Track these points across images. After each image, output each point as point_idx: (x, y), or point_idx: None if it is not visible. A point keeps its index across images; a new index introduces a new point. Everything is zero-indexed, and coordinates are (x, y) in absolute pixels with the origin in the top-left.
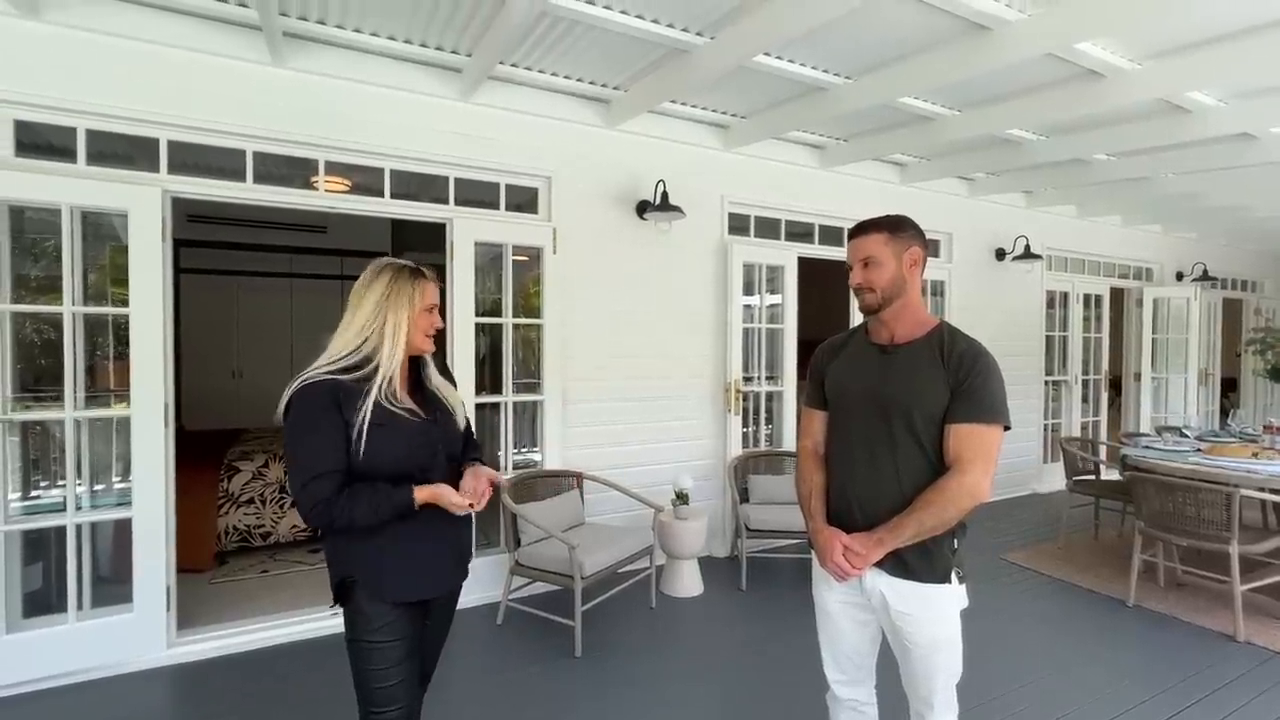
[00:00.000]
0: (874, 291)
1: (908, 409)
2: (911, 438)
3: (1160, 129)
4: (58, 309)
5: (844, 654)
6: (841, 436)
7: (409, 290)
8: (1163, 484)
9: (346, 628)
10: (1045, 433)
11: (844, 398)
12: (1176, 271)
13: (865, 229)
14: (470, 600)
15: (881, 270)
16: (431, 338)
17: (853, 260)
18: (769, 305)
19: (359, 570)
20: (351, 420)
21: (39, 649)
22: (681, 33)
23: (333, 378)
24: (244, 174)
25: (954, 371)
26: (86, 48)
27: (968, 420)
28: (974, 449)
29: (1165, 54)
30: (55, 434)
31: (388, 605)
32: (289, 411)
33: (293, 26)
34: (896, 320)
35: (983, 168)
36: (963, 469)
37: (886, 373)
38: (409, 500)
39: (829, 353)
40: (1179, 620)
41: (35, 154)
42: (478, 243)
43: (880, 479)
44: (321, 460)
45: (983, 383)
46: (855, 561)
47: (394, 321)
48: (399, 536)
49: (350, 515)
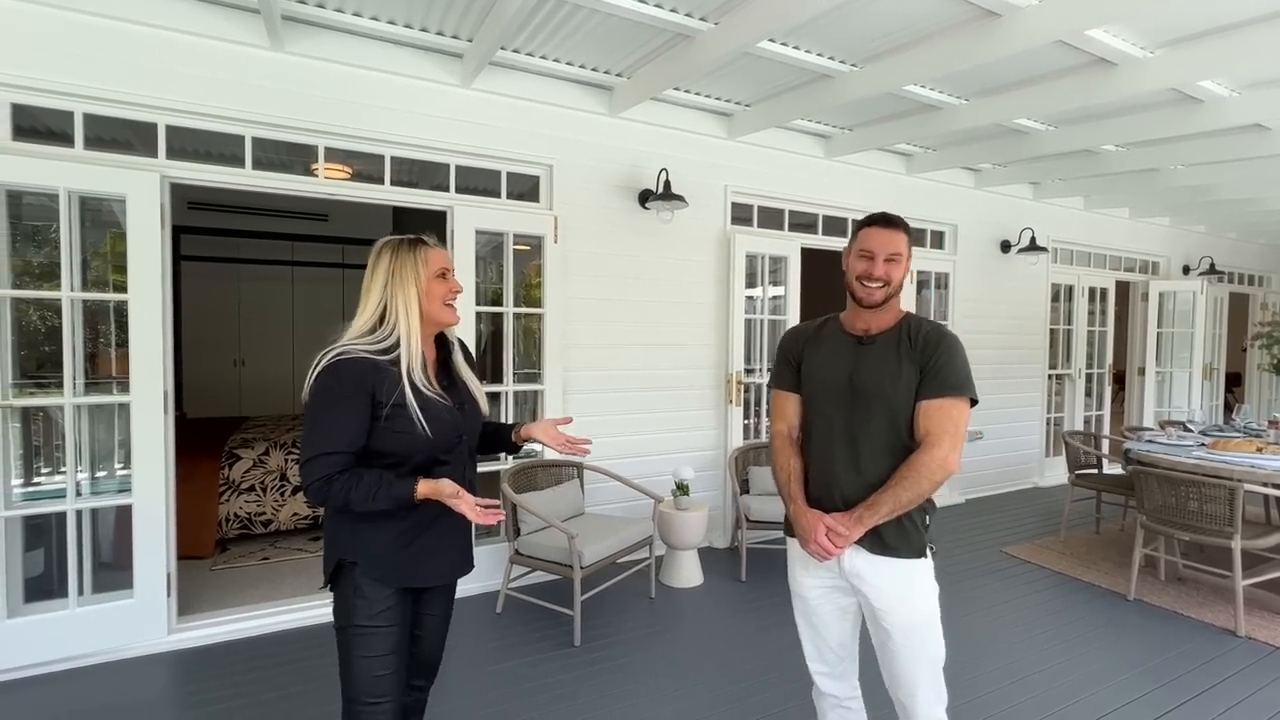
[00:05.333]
0: (889, 285)
1: (885, 396)
2: (888, 422)
3: (1171, 119)
4: (57, 295)
5: (826, 644)
6: (822, 423)
7: (412, 261)
8: (1166, 478)
9: (338, 614)
10: (1047, 426)
11: (824, 386)
12: (1183, 265)
13: (894, 224)
14: (470, 589)
15: (899, 268)
16: (454, 306)
17: (878, 251)
18: (772, 297)
19: (362, 551)
20: (384, 399)
21: (40, 634)
22: (685, 17)
23: (370, 356)
24: (243, 160)
25: (921, 353)
26: (84, 30)
27: (936, 396)
28: (942, 424)
29: (1178, 42)
30: (57, 420)
31: (389, 590)
32: (318, 381)
33: (292, 10)
34: (883, 314)
35: (989, 158)
36: (932, 443)
37: (864, 362)
38: (410, 494)
39: (803, 339)
40: (1180, 615)
41: (33, 138)
42: (479, 231)
43: (860, 462)
44: (336, 437)
45: (948, 359)
46: (837, 541)
47: (404, 298)
48: (407, 520)
49: (346, 496)
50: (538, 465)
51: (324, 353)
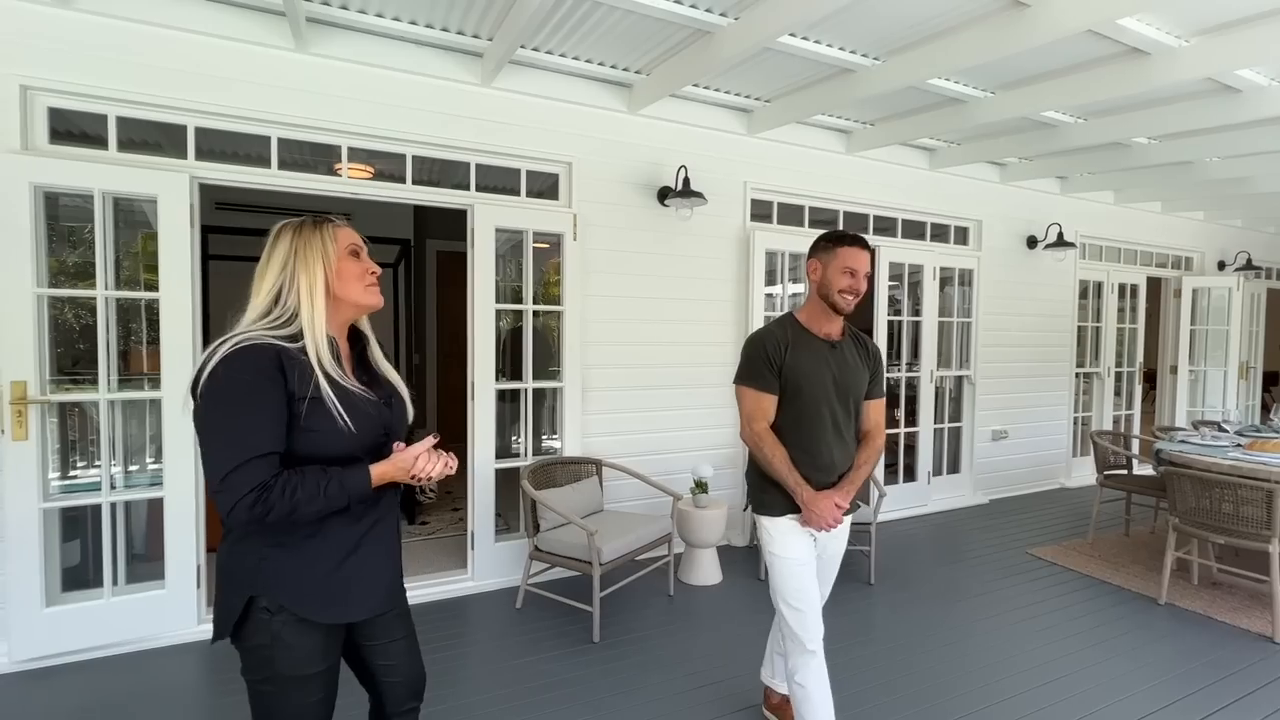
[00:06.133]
0: (858, 297)
1: (856, 393)
2: (856, 414)
3: (1207, 110)
4: (92, 293)
5: (816, 606)
6: (812, 415)
7: (318, 239)
8: (1200, 479)
9: (252, 667)
10: (1075, 426)
11: (818, 386)
12: (1218, 260)
13: (866, 244)
14: (490, 584)
15: (864, 283)
16: (376, 288)
17: (859, 269)
18: (791, 294)
19: (280, 584)
20: (301, 393)
21: (77, 622)
22: (704, 13)
23: (276, 342)
24: (269, 160)
25: (872, 361)
26: (116, 35)
27: (878, 397)
28: (880, 417)
29: (1215, 30)
30: (91, 416)
31: (317, 628)
32: (216, 377)
33: (316, 11)
34: (838, 321)
35: (1015, 152)
36: (878, 433)
37: (840, 365)
38: (365, 482)
39: (783, 344)
40: (1214, 620)
41: (68, 141)
42: (498, 229)
43: (845, 449)
44: (262, 438)
45: (883, 370)
46: (839, 513)
47: (307, 280)
48: (331, 539)
49: (292, 501)
50: (557, 462)
51: (216, 344)
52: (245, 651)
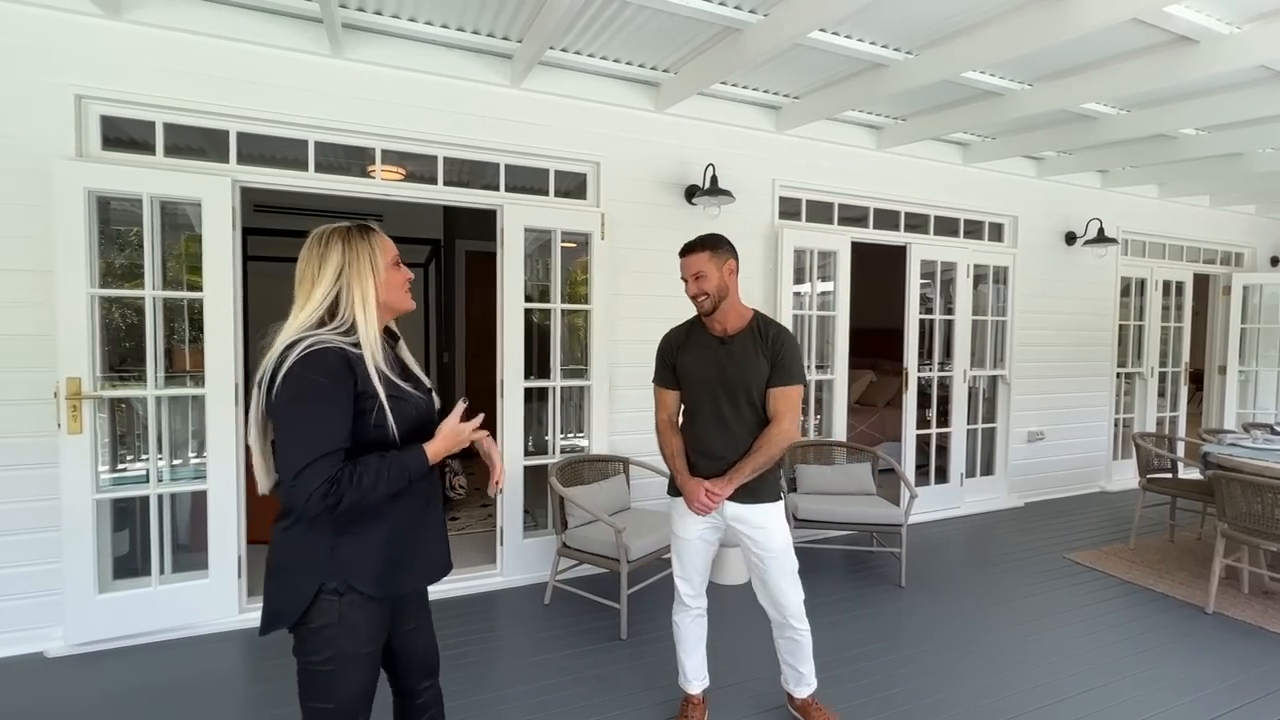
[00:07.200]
0: (707, 297)
1: (746, 385)
2: (749, 405)
3: (1259, 99)
4: (140, 293)
5: (696, 570)
6: (699, 409)
7: (368, 250)
8: (1251, 484)
9: (311, 649)
10: (1116, 427)
11: (697, 381)
12: (1271, 256)
13: (691, 249)
14: (518, 580)
15: (710, 280)
16: (410, 293)
17: (687, 274)
18: (820, 292)
19: (352, 568)
20: (367, 391)
21: (127, 609)
22: (733, 10)
23: (342, 345)
24: (306, 163)
25: (771, 349)
26: (163, 44)
27: (782, 384)
28: (786, 405)
29: (1268, 15)
30: (138, 411)
31: (380, 604)
32: (292, 378)
33: (351, 18)
34: (725, 317)
35: (1053, 145)
36: (779, 420)
37: (728, 359)
38: (422, 461)
39: (676, 344)
40: (1266, 630)
41: (119, 147)
42: (527, 229)
43: (730, 438)
44: (333, 435)
45: (790, 355)
46: (713, 499)
47: (360, 290)
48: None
49: (360, 489)
50: (584, 460)
51: (288, 345)
52: (309, 633)
